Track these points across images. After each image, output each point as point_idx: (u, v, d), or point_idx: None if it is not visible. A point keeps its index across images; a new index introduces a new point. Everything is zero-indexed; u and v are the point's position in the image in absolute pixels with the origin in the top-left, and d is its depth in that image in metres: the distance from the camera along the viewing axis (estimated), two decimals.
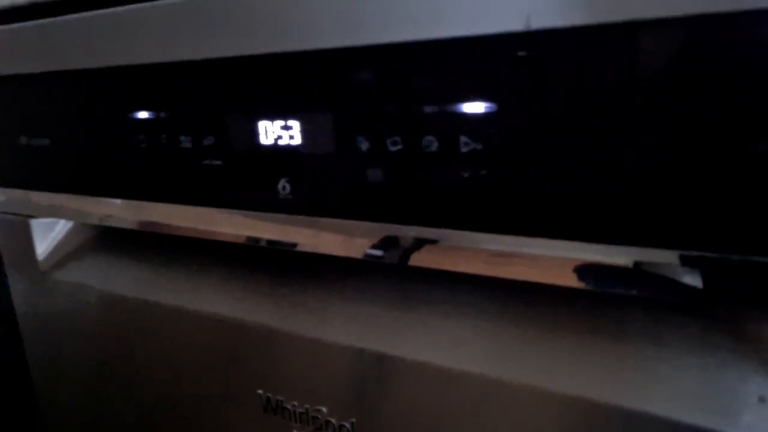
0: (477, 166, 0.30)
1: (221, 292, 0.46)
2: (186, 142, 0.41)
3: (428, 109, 0.30)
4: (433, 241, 0.33)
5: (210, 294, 0.46)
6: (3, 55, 0.50)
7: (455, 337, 0.36)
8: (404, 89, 0.31)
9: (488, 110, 0.29)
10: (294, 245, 0.39)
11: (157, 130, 0.42)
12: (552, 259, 0.30)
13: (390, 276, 0.41)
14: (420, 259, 0.34)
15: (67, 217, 0.54)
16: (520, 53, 0.27)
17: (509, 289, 0.36)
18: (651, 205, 0.26)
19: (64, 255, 0.56)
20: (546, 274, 0.31)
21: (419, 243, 0.33)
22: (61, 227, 0.56)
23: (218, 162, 0.40)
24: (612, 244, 0.28)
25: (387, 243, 0.35)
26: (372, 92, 0.32)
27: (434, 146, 0.31)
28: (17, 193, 0.54)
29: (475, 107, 0.29)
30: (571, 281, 0.30)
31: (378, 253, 0.35)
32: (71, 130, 0.48)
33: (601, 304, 0.34)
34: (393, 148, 0.32)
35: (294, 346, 0.41)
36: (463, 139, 0.29)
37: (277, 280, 0.44)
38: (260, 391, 0.43)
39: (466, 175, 0.30)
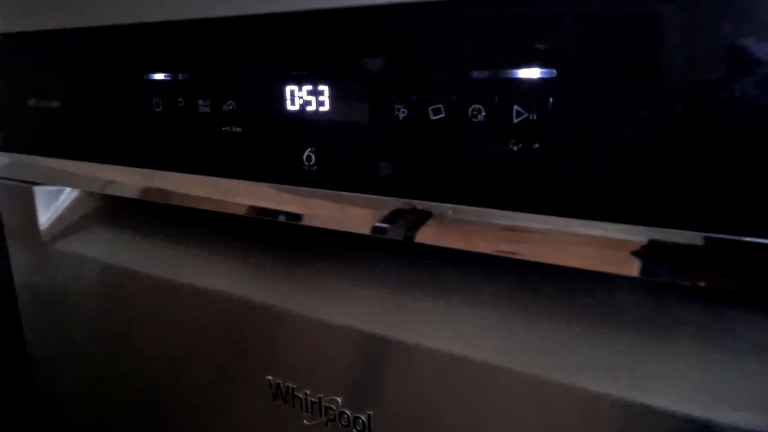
0: (529, 139, 0.27)
1: (231, 270, 0.44)
2: (205, 106, 0.38)
3: (477, 74, 0.28)
4: (472, 221, 0.30)
5: (219, 271, 0.44)
6: (14, 10, 0.47)
7: (479, 326, 0.33)
8: (451, 52, 0.28)
9: (545, 76, 0.26)
10: (315, 222, 0.36)
11: (175, 94, 0.39)
12: (569, 238, 0.27)
13: (416, 259, 0.38)
14: (456, 240, 0.31)
15: (73, 185, 0.51)
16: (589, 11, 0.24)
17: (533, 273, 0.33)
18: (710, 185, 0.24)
19: (68, 225, 0.53)
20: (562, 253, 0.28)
21: (458, 222, 0.30)
22: (65, 196, 0.53)
23: (238, 129, 0.37)
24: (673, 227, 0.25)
25: (415, 220, 0.32)
26: (414, 55, 0.29)
27: (481, 116, 0.28)
28: (22, 158, 0.52)
29: (531, 73, 0.26)
30: (584, 263, 0.27)
31: (398, 231, 0.33)
32: (83, 92, 0.45)
33: (615, 290, 0.32)
34: (434, 117, 0.29)
35: (308, 331, 0.38)
36: (516, 108, 0.27)
37: (294, 259, 0.42)
38: (270, 378, 0.40)
39: (515, 148, 0.27)
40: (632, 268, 0.27)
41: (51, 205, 0.53)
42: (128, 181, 0.44)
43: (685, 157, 0.24)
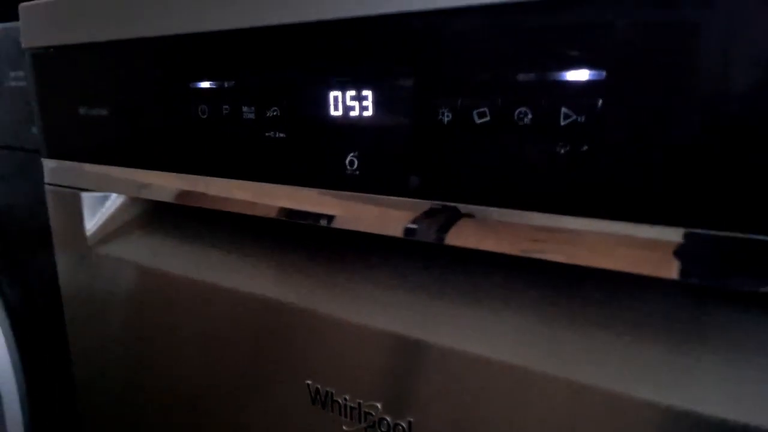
0: (577, 142, 0.26)
1: (271, 274, 0.44)
2: (249, 113, 0.39)
3: (523, 77, 0.28)
4: (516, 224, 0.30)
5: (261, 275, 0.44)
6: (66, 23, 0.49)
7: (523, 332, 0.33)
8: (496, 54, 0.28)
9: (594, 78, 0.26)
10: (358, 226, 0.36)
11: (220, 101, 0.40)
12: (610, 239, 0.27)
13: (460, 263, 0.38)
14: (498, 244, 0.31)
15: (119, 191, 0.52)
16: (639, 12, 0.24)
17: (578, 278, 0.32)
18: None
19: (113, 230, 0.54)
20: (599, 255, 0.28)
21: (502, 225, 0.30)
22: (111, 202, 0.54)
23: (282, 134, 0.37)
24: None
25: (457, 224, 0.32)
26: (459, 58, 0.29)
27: (528, 119, 0.28)
28: (70, 165, 0.53)
29: (579, 75, 0.26)
30: (626, 265, 0.27)
31: (444, 231, 0.32)
32: (131, 101, 0.46)
33: (654, 294, 0.31)
34: (479, 121, 0.29)
35: (348, 335, 0.38)
36: (564, 110, 0.27)
37: (334, 263, 0.42)
38: (309, 382, 0.40)
39: (563, 151, 0.27)
40: (671, 270, 0.26)
41: (97, 211, 0.55)
42: (172, 186, 0.46)
43: (740, 159, 0.24)
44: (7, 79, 0.65)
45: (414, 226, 0.33)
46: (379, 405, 0.37)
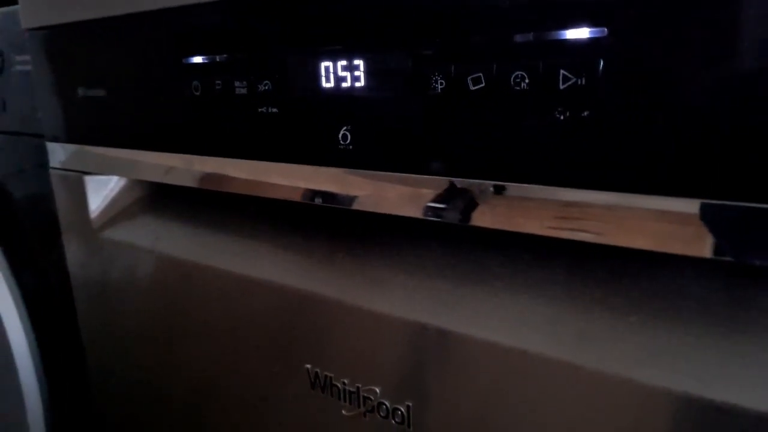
0: (578, 106, 0.24)
1: (275, 257, 0.43)
2: (241, 87, 0.37)
3: (520, 38, 0.25)
4: (520, 198, 0.28)
5: (263, 259, 0.43)
6: (63, 2, 0.48)
7: (525, 314, 0.31)
8: (490, 15, 0.26)
9: (595, 36, 0.23)
10: (352, 203, 0.35)
11: (212, 76, 0.39)
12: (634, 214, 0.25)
13: (459, 243, 0.36)
14: (498, 221, 0.29)
15: (120, 173, 0.52)
16: None
17: (584, 256, 0.30)
18: None
19: (116, 213, 0.54)
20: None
21: (509, 201, 0.28)
22: (114, 184, 0.54)
23: (274, 110, 0.36)
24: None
25: (455, 199, 0.30)
26: (452, 21, 0.27)
27: (525, 83, 0.26)
28: (73, 148, 0.53)
29: (579, 33, 0.24)
30: (649, 243, 0.25)
31: (441, 207, 0.31)
32: (126, 80, 0.45)
33: (678, 274, 0.28)
34: (474, 88, 0.27)
35: (348, 318, 0.37)
36: (563, 73, 0.24)
37: (335, 245, 0.40)
38: (308, 366, 0.39)
39: (562, 117, 0.25)
40: (703, 248, 0.24)
41: (101, 194, 0.54)
42: (167, 167, 0.45)
43: (758, 121, 0.21)
44: (13, 63, 0.64)
45: (411, 204, 0.32)
46: (377, 389, 0.36)
